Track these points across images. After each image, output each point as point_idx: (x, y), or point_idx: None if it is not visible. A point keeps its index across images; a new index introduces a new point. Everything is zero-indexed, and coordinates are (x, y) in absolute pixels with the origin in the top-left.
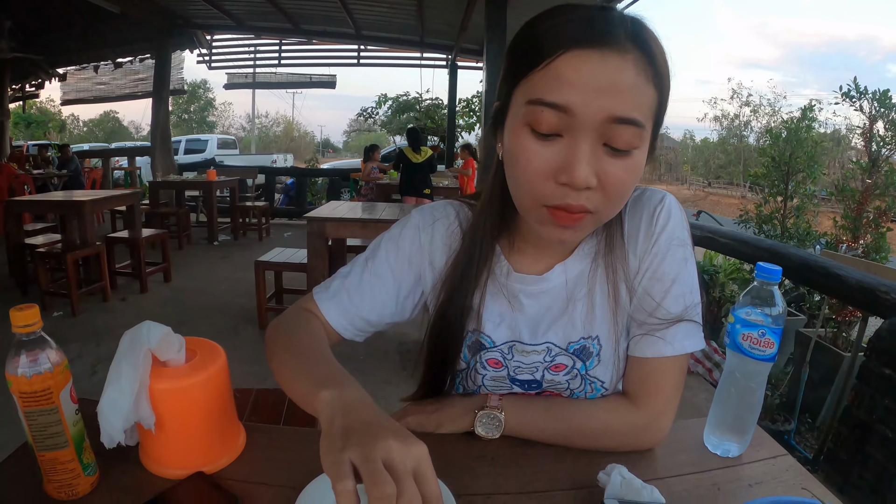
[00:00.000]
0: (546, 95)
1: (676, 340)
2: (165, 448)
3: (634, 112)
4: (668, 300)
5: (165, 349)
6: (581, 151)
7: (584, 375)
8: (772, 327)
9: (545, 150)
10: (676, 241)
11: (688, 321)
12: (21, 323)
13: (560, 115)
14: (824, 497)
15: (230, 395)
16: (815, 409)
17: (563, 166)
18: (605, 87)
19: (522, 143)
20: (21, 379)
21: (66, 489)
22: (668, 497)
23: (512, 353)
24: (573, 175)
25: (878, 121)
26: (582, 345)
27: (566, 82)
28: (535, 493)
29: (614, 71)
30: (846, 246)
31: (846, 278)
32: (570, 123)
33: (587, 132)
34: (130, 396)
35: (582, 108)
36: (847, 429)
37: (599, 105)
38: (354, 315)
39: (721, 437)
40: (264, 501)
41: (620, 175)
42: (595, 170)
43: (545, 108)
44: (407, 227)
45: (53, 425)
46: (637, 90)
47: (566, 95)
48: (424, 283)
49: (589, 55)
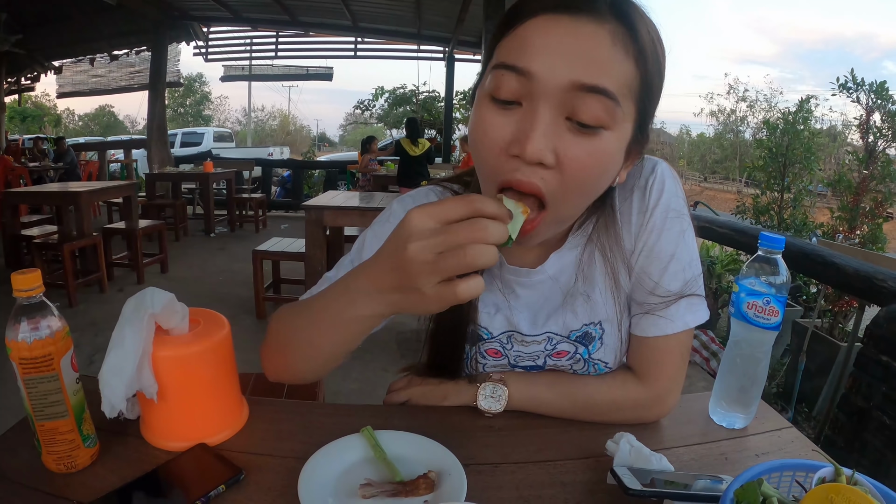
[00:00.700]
0: (509, 59)
1: (678, 317)
2: (167, 419)
3: (604, 81)
4: (667, 278)
5: (169, 316)
6: (538, 120)
7: (587, 359)
8: (776, 295)
9: (502, 120)
10: (672, 214)
11: (689, 296)
12: (23, 287)
13: (521, 79)
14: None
15: (234, 365)
16: (811, 398)
17: (517, 136)
18: (573, 52)
19: (481, 114)
20: (21, 344)
21: (65, 461)
22: (677, 465)
23: (511, 342)
24: (524, 145)
25: (874, 112)
26: (584, 331)
27: (531, 45)
28: (543, 462)
29: (587, 37)
30: (843, 236)
31: (843, 267)
32: (532, 90)
33: (549, 100)
34: (134, 362)
35: (545, 71)
36: (845, 416)
37: (564, 70)
38: None
39: (727, 409)
40: (268, 473)
41: (582, 157)
42: (554, 145)
43: (506, 71)
44: (388, 221)
45: (53, 393)
46: (611, 61)
47: (529, 58)
48: None
49: (560, 19)
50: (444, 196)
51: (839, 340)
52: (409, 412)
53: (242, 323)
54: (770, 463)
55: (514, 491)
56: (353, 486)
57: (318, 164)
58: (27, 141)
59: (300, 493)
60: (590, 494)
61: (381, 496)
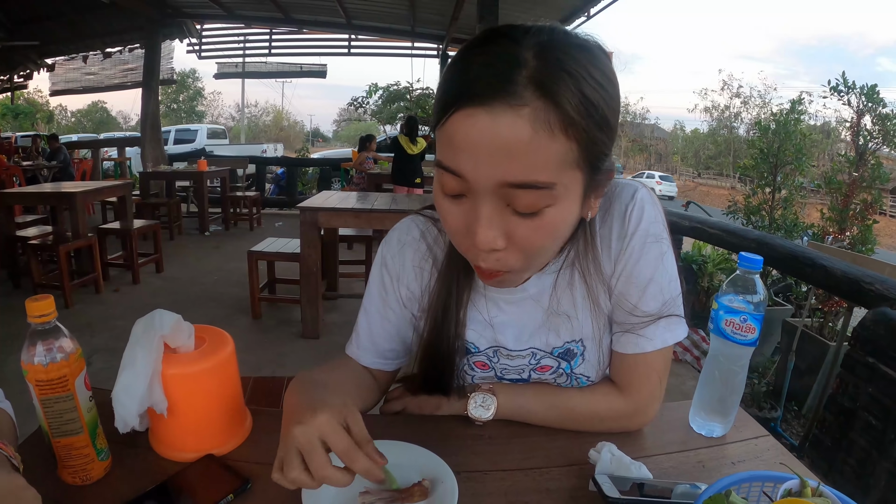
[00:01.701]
0: (444, 159)
1: (657, 336)
2: (176, 432)
3: (532, 175)
4: (645, 300)
5: (176, 336)
6: (481, 216)
7: (569, 374)
8: (753, 313)
9: (456, 210)
10: (651, 239)
11: (668, 316)
12: (37, 313)
13: (458, 179)
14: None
15: (238, 380)
16: (801, 397)
17: (469, 226)
18: (494, 150)
19: (439, 201)
20: (38, 367)
21: (80, 474)
22: (655, 473)
23: (497, 356)
24: (475, 239)
25: (865, 115)
26: (566, 348)
27: (456, 147)
28: (530, 469)
29: (505, 131)
30: (833, 237)
31: (831, 269)
32: (468, 187)
33: (486, 196)
34: (145, 381)
35: (473, 174)
36: (832, 416)
37: (490, 171)
38: (384, 350)
39: (706, 418)
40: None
41: (530, 235)
42: (503, 231)
43: (444, 171)
44: (382, 262)
45: (69, 412)
46: (536, 149)
47: (457, 161)
48: (414, 304)
49: (477, 114)
50: (429, 231)
51: (828, 339)
52: (404, 421)
53: (238, 323)
54: (740, 475)
55: (502, 497)
56: (352, 493)
57: (312, 162)
58: (19, 139)
59: (304, 501)
60: (572, 501)
61: (378, 503)
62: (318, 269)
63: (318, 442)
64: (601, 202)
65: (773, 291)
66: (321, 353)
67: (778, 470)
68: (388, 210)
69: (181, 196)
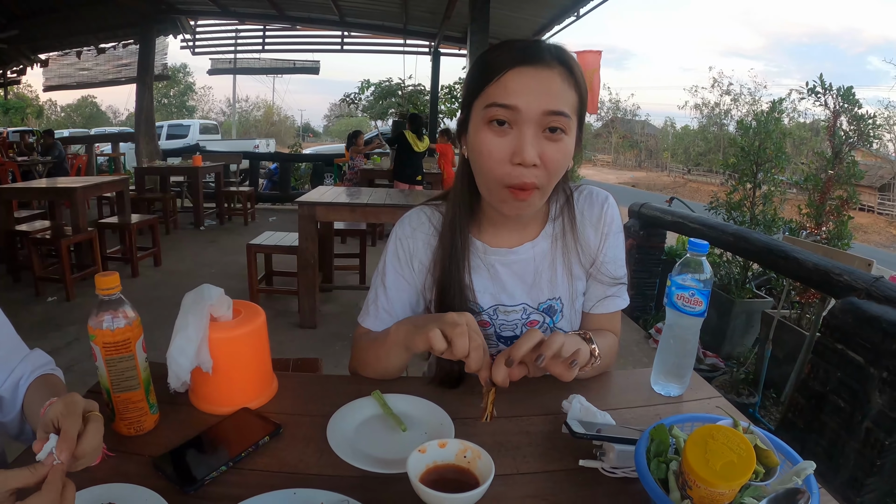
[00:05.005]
0: (500, 99)
1: (621, 296)
2: (216, 389)
3: (561, 105)
4: (619, 269)
5: (219, 307)
6: (527, 137)
7: (552, 328)
8: (700, 290)
9: (501, 141)
10: (618, 230)
11: (624, 283)
12: (104, 286)
13: (510, 112)
14: (737, 417)
15: (267, 345)
16: (781, 385)
17: (516, 150)
18: (540, 90)
19: (483, 137)
20: (105, 332)
21: (135, 425)
22: (618, 421)
23: (497, 313)
24: (523, 155)
25: (841, 116)
26: (549, 304)
27: (513, 90)
28: (513, 417)
29: (546, 79)
30: (808, 232)
31: (803, 261)
32: (518, 118)
33: (530, 123)
34: (195, 344)
35: (525, 105)
36: (804, 399)
37: (538, 103)
38: (397, 319)
39: (665, 381)
40: (301, 427)
41: (555, 155)
42: (538, 151)
43: (499, 108)
44: (396, 240)
45: (129, 370)
46: (563, 93)
47: (514, 98)
48: (423, 276)
49: (527, 70)
50: (434, 216)
51: (806, 330)
52: (407, 381)
53: None
54: (682, 416)
55: (490, 437)
56: (368, 434)
57: (305, 157)
58: (11, 134)
59: (329, 439)
60: (548, 441)
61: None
62: (315, 261)
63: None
64: (580, 198)
65: (754, 284)
66: (319, 341)
67: (715, 413)
68: (384, 205)
69: (175, 191)
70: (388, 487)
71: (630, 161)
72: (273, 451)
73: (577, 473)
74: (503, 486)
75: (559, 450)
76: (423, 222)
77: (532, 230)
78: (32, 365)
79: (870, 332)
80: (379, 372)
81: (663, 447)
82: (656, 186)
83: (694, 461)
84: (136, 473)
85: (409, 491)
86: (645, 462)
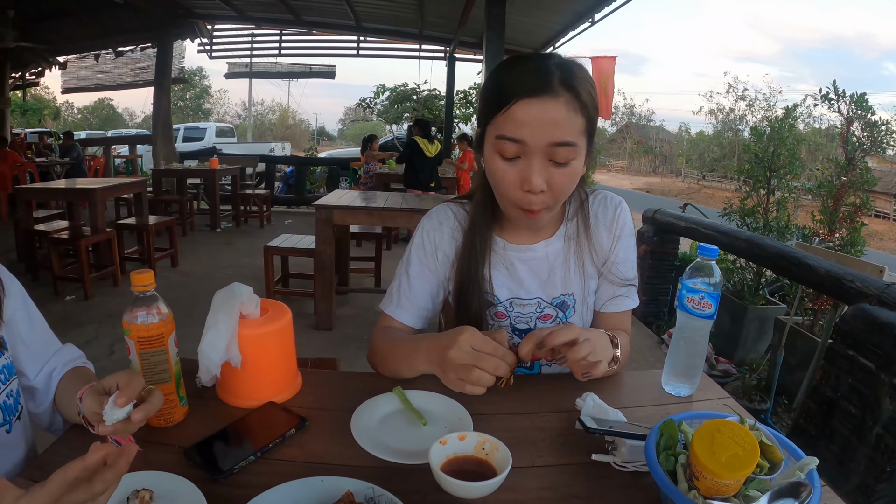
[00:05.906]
0: (507, 133)
1: (631, 296)
2: (244, 383)
3: (568, 137)
4: (630, 271)
5: (248, 304)
6: (534, 168)
7: (564, 322)
8: (710, 293)
9: (511, 169)
10: (630, 233)
11: (634, 285)
12: (140, 283)
13: (517, 145)
14: (744, 415)
15: (293, 342)
16: (793, 391)
17: (525, 178)
18: (545, 123)
19: (495, 165)
20: (140, 326)
21: (165, 417)
22: (629, 419)
23: (513, 306)
24: (531, 184)
25: (854, 122)
26: (562, 299)
27: (519, 123)
28: (526, 413)
29: (551, 111)
30: (820, 238)
31: (816, 268)
32: (525, 150)
33: (537, 154)
34: (225, 340)
35: (531, 139)
36: (815, 405)
37: (543, 136)
38: (420, 308)
39: (675, 381)
40: (326, 421)
41: (562, 180)
42: (545, 178)
43: (507, 141)
44: (423, 233)
45: (162, 363)
46: (568, 121)
47: (520, 132)
48: (446, 267)
49: (533, 102)
50: (459, 213)
51: (818, 337)
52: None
53: None
54: (691, 412)
55: (507, 432)
56: (390, 428)
57: (321, 161)
58: (29, 135)
59: (353, 431)
60: (561, 436)
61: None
62: (332, 263)
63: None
64: (594, 202)
65: (767, 291)
66: (335, 343)
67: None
68: (400, 209)
69: (192, 193)
70: (411, 477)
71: (644, 166)
72: (299, 442)
73: (590, 467)
74: (520, 477)
75: (573, 444)
76: (449, 217)
77: (548, 230)
78: (65, 358)
79: (881, 338)
80: (396, 376)
81: (672, 441)
82: (671, 192)
83: (701, 453)
84: (167, 462)
85: (430, 480)
86: (654, 454)
